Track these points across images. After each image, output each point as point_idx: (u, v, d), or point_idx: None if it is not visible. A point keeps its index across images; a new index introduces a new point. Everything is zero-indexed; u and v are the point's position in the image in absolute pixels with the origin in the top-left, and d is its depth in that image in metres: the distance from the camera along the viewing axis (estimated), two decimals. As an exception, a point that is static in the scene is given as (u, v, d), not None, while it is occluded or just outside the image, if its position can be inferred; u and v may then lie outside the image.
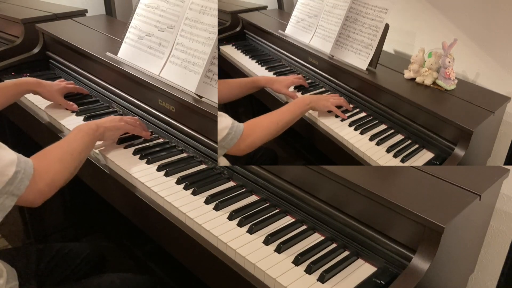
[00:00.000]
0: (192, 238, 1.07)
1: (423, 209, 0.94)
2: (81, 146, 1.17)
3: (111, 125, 1.33)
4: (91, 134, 1.24)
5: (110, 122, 1.33)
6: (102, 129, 1.29)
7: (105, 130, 1.30)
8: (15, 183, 0.94)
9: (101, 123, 1.30)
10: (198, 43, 1.38)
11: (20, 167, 0.95)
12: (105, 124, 1.31)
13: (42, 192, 1.02)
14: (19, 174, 0.95)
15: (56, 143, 1.14)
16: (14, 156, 0.96)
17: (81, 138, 1.20)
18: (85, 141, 1.20)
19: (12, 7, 2.19)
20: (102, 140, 1.33)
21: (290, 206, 1.15)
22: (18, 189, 0.95)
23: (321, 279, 0.95)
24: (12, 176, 0.93)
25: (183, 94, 1.37)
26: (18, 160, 0.96)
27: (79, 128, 1.24)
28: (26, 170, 0.97)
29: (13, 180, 0.94)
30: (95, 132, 1.26)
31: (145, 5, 1.54)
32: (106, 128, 1.30)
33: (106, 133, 1.31)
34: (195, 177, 1.25)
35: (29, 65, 1.87)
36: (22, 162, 0.97)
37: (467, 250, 1.22)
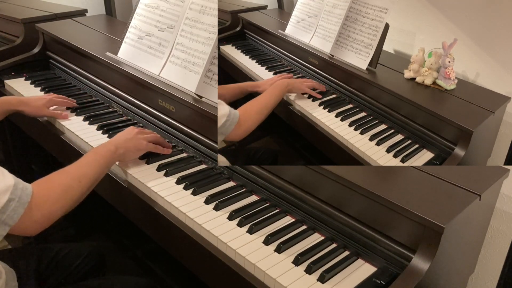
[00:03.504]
0: (192, 238, 1.07)
1: (423, 209, 0.94)
2: (94, 171, 1.09)
3: (133, 144, 1.24)
4: (108, 157, 1.16)
5: (132, 141, 1.24)
6: (123, 150, 1.20)
7: (125, 152, 1.21)
8: (8, 212, 0.88)
9: (120, 143, 1.21)
10: (198, 43, 1.38)
11: (14, 195, 0.89)
12: (126, 144, 1.22)
13: (38, 223, 0.95)
14: (13, 203, 0.89)
15: (66, 167, 1.06)
16: (11, 182, 0.90)
17: (95, 162, 1.11)
18: (100, 165, 1.12)
19: (12, 7, 2.19)
20: (122, 161, 1.24)
21: (290, 206, 1.15)
22: (11, 218, 0.89)
23: (321, 279, 0.95)
24: (4, 204, 0.87)
25: (183, 94, 1.37)
26: (15, 186, 0.90)
27: (95, 150, 1.16)
28: (21, 198, 0.90)
29: (5, 208, 0.87)
30: (114, 154, 1.18)
31: (145, 5, 1.54)
32: (127, 149, 1.22)
33: (127, 154, 1.23)
34: (195, 177, 1.25)
35: (29, 65, 1.87)
36: (18, 189, 0.90)
37: (467, 250, 1.22)
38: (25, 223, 0.91)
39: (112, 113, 1.59)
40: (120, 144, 1.21)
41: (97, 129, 1.47)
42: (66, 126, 1.48)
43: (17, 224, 0.90)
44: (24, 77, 1.81)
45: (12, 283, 1.08)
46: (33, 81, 1.78)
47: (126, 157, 1.24)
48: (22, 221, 0.90)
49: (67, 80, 1.82)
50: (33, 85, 1.76)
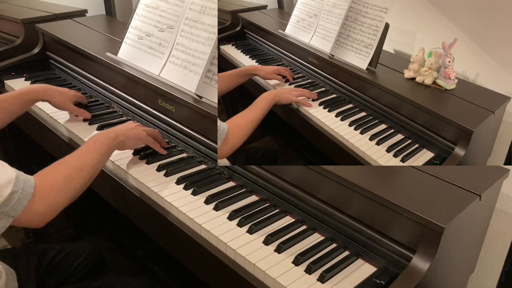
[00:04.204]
0: (192, 238, 1.07)
1: (423, 209, 0.94)
2: (95, 159, 1.08)
3: (133, 133, 1.23)
4: (108, 144, 1.15)
5: (132, 130, 1.24)
6: (123, 138, 1.20)
7: (125, 139, 1.21)
8: (11, 204, 0.88)
9: (121, 131, 1.21)
10: (198, 43, 1.38)
11: (17, 187, 0.89)
12: (126, 132, 1.22)
13: (42, 214, 0.95)
14: (16, 195, 0.88)
15: (67, 157, 1.06)
16: (12, 174, 0.89)
17: (96, 150, 1.10)
18: (101, 153, 1.11)
19: (12, 7, 2.19)
20: (121, 149, 1.24)
21: (290, 206, 1.15)
22: (14, 210, 0.89)
23: (321, 279, 0.95)
24: (7, 197, 0.87)
25: (183, 94, 1.37)
26: (17, 179, 0.89)
27: (94, 138, 1.15)
28: (24, 190, 0.90)
29: (8, 201, 0.87)
30: (113, 142, 1.17)
31: (145, 5, 1.54)
32: (127, 137, 1.21)
33: (127, 142, 1.22)
34: (195, 177, 1.25)
35: (29, 65, 1.87)
36: (21, 181, 0.90)
37: (467, 250, 1.22)
38: (29, 215, 0.91)
39: (112, 113, 1.59)
40: (120, 132, 1.20)
41: (97, 129, 1.47)
42: (66, 126, 1.48)
43: (21, 216, 0.90)
44: (24, 77, 1.81)
45: (12, 283, 1.08)
46: (33, 81, 1.78)
47: (126, 145, 1.23)
48: (25, 213, 0.90)
49: (67, 80, 1.82)
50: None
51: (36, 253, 1.24)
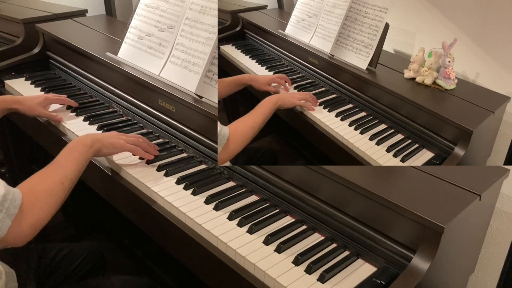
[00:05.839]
0: (192, 238, 1.07)
1: (423, 209, 0.94)
2: (74, 171, 1.06)
3: (109, 141, 1.22)
4: (85, 152, 1.13)
5: (108, 139, 1.23)
6: (98, 145, 1.19)
7: (101, 147, 1.20)
8: None
9: (97, 138, 1.20)
10: (198, 43, 1.38)
11: (3, 206, 0.86)
12: (102, 140, 1.21)
13: (24, 234, 0.91)
14: (0, 214, 0.85)
15: (46, 168, 1.04)
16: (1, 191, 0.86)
17: (74, 160, 1.09)
18: (79, 163, 1.10)
19: (12, 7, 2.19)
20: (97, 156, 1.22)
21: (290, 206, 1.15)
22: None
23: (321, 279, 0.95)
24: None
25: (183, 94, 1.37)
26: (4, 197, 0.86)
27: (71, 146, 1.13)
28: (8, 210, 0.87)
29: None
30: (90, 149, 1.15)
31: (145, 5, 1.54)
32: (103, 145, 1.20)
33: (103, 150, 1.21)
34: (195, 177, 1.25)
35: (29, 65, 1.87)
36: (7, 200, 0.87)
37: (467, 250, 1.22)
38: (12, 235, 0.88)
39: (112, 113, 1.59)
40: (96, 139, 1.19)
41: (97, 129, 1.47)
42: (66, 126, 1.48)
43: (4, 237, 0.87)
44: (24, 77, 1.81)
45: (12, 284, 1.08)
46: (33, 81, 1.78)
47: (101, 153, 1.21)
48: (8, 233, 0.87)
49: (67, 80, 1.82)
50: (33, 85, 1.76)
51: (36, 253, 1.24)
